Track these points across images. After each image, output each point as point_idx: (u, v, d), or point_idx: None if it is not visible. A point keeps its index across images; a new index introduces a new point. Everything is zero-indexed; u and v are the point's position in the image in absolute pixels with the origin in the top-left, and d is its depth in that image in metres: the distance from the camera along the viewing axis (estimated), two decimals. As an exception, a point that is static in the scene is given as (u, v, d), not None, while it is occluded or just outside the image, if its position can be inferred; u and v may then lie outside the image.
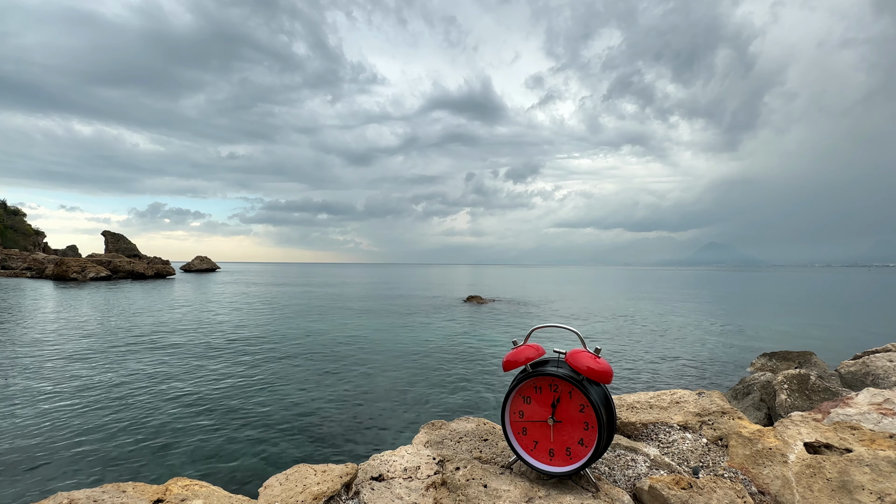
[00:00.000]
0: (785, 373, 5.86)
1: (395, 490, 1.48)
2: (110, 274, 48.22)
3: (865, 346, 6.47)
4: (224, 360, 11.02)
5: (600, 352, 1.48)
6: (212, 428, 6.65)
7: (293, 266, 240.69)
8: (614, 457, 1.70)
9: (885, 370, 5.07)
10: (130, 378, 9.26)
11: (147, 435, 6.35)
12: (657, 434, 1.89)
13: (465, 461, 1.63)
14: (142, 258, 60.16)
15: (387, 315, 21.17)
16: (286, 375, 9.72)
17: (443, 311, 23.07)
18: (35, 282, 42.80)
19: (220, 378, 9.39)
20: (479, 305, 26.01)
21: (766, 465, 1.52)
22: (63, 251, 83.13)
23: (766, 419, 5.85)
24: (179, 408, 7.50)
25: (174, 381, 9.06)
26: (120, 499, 1.31)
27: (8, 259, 57.70)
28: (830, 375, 6.47)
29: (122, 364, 10.46)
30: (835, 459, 1.43)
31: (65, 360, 10.79)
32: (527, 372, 1.51)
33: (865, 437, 1.51)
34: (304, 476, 1.50)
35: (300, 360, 11.29)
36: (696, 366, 11.33)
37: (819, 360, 9.25)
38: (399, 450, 1.74)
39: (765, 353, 10.92)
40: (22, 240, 77.29)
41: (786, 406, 5.29)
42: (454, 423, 1.98)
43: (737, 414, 1.93)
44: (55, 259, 53.25)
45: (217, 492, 1.45)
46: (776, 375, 6.16)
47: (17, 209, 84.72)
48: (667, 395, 2.18)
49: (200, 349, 12.34)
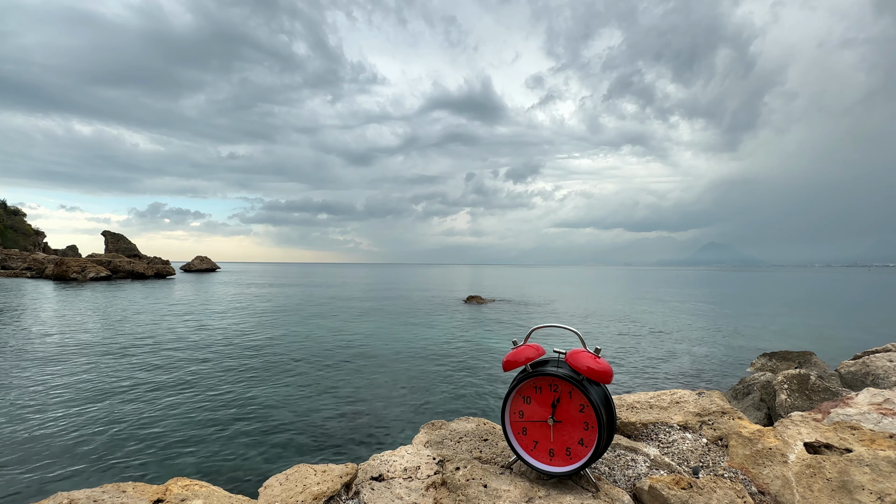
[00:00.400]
0: (785, 373, 5.86)
1: (395, 490, 1.48)
2: (110, 274, 48.23)
3: (865, 346, 6.47)
4: (224, 360, 11.02)
5: (600, 352, 1.48)
6: (212, 428, 6.65)
7: (293, 266, 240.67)
8: (614, 457, 1.70)
9: (885, 370, 5.07)
10: (130, 378, 9.26)
11: (147, 435, 6.36)
12: (657, 434, 1.89)
13: (465, 461, 1.63)
14: (142, 258, 60.16)
15: (387, 315, 21.17)
16: (286, 375, 9.72)
17: (443, 311, 23.07)
18: (35, 282, 42.80)
19: (219, 378, 9.39)
20: (479, 306, 26.01)
21: (766, 465, 1.52)
22: (63, 251, 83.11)
23: (766, 419, 5.85)
24: (179, 407, 7.51)
25: (174, 381, 9.06)
26: (120, 499, 1.31)
27: (8, 259, 57.70)
28: (830, 375, 6.47)
29: (122, 364, 10.47)
30: (835, 459, 1.43)
31: (65, 360, 10.79)
32: (527, 372, 1.51)
33: (865, 437, 1.51)
34: (304, 476, 1.50)
35: (300, 360, 11.29)
36: (696, 366, 11.33)
37: (819, 360, 9.25)
38: (399, 450, 1.74)
39: (765, 353, 10.92)
40: (22, 240, 77.30)
41: (786, 406, 5.29)
42: (454, 423, 1.98)
43: (737, 414, 1.93)
44: (55, 259, 53.24)
45: (217, 492, 1.45)
46: (776, 375, 6.16)
47: (17, 209, 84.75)
48: (667, 395, 2.18)
49: (200, 349, 12.34)
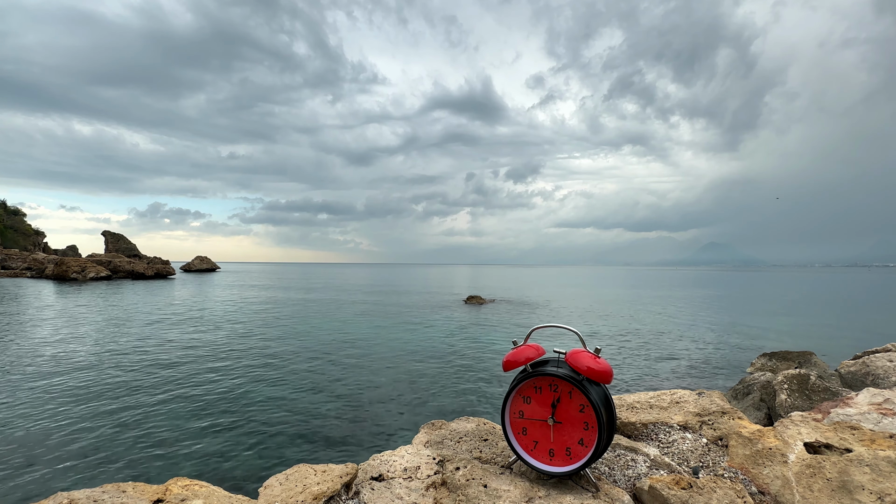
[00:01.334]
0: (785, 373, 5.86)
1: (395, 490, 1.48)
2: (110, 274, 48.23)
3: (865, 346, 6.47)
4: (223, 360, 11.02)
5: (600, 352, 1.48)
6: (212, 428, 6.65)
7: (293, 266, 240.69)
8: (614, 457, 1.70)
9: (885, 370, 5.06)
10: (130, 378, 9.26)
11: (147, 435, 6.35)
12: (657, 434, 1.89)
13: (465, 461, 1.63)
14: (142, 258, 60.17)
15: (387, 315, 21.17)
16: (286, 375, 9.72)
17: (443, 311, 23.07)
18: (35, 282, 42.80)
19: (219, 378, 9.39)
20: (479, 306, 26.00)
21: (766, 465, 1.52)
22: (63, 251, 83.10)
23: (766, 419, 5.84)
24: (179, 408, 7.50)
25: (174, 381, 9.06)
26: (120, 499, 1.31)
27: (8, 259, 57.70)
28: (830, 375, 6.47)
29: (122, 364, 10.46)
30: (835, 459, 1.43)
31: (64, 359, 10.79)
32: (527, 372, 1.51)
33: (865, 437, 1.51)
34: (304, 476, 1.50)
35: (300, 360, 11.29)
36: (696, 366, 11.32)
37: (819, 360, 9.24)
38: (399, 450, 1.74)
39: (765, 353, 10.92)
40: (22, 240, 77.28)
41: (786, 406, 5.29)
42: (454, 423, 1.98)
43: (737, 414, 1.93)
44: (55, 259, 53.25)
45: (217, 492, 1.45)
46: (776, 375, 6.16)
47: (17, 209, 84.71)
48: (667, 395, 2.18)
49: (200, 349, 12.34)
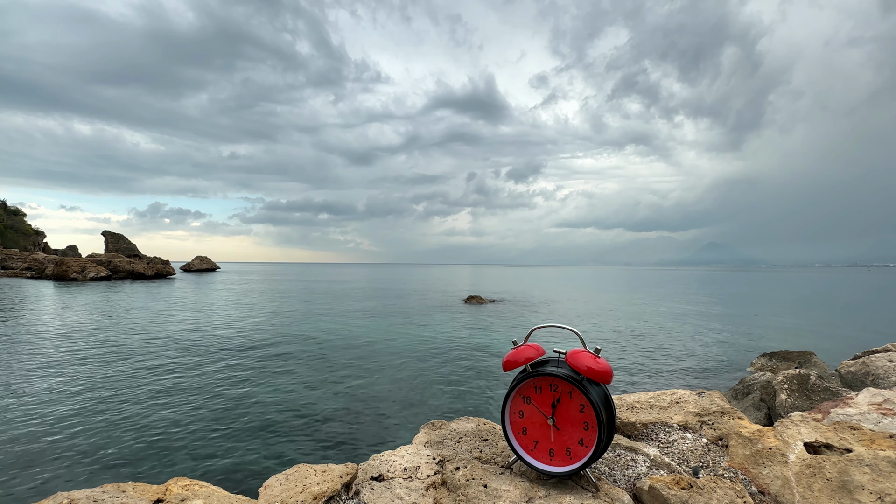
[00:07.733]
0: (785, 373, 5.86)
1: (395, 490, 1.48)
2: (110, 274, 48.22)
3: (865, 346, 6.47)
4: (223, 360, 11.02)
5: (600, 352, 1.48)
6: (212, 428, 6.65)
7: (293, 266, 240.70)
8: (614, 457, 1.70)
9: (885, 370, 5.06)
10: (130, 378, 9.26)
11: (147, 435, 6.35)
12: (657, 434, 1.89)
13: (465, 461, 1.63)
14: (142, 258, 60.14)
15: (387, 315, 21.16)
16: (286, 375, 9.72)
17: (443, 311, 23.06)
18: (35, 282, 42.79)
19: (219, 378, 9.38)
20: (479, 306, 26.00)
21: (766, 465, 1.52)
22: (63, 251, 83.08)
23: (766, 419, 5.85)
24: (179, 408, 7.50)
25: (174, 381, 9.06)
26: (120, 499, 1.31)
27: (8, 259, 57.69)
28: (830, 375, 6.47)
29: (122, 364, 10.46)
30: (835, 459, 1.43)
31: (64, 359, 10.79)
32: (527, 372, 1.51)
33: (865, 437, 1.51)
34: (304, 476, 1.50)
35: (300, 360, 11.29)
36: (696, 366, 11.33)
37: (819, 360, 9.25)
38: (399, 450, 1.74)
39: (765, 353, 10.92)
40: (22, 240, 77.29)
41: (786, 406, 5.29)
42: (454, 423, 1.97)
43: (737, 414, 1.93)
44: (55, 259, 53.23)
45: (217, 492, 1.45)
46: (776, 375, 6.16)
47: (17, 209, 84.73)
48: (667, 395, 2.18)
49: (200, 349, 12.34)
